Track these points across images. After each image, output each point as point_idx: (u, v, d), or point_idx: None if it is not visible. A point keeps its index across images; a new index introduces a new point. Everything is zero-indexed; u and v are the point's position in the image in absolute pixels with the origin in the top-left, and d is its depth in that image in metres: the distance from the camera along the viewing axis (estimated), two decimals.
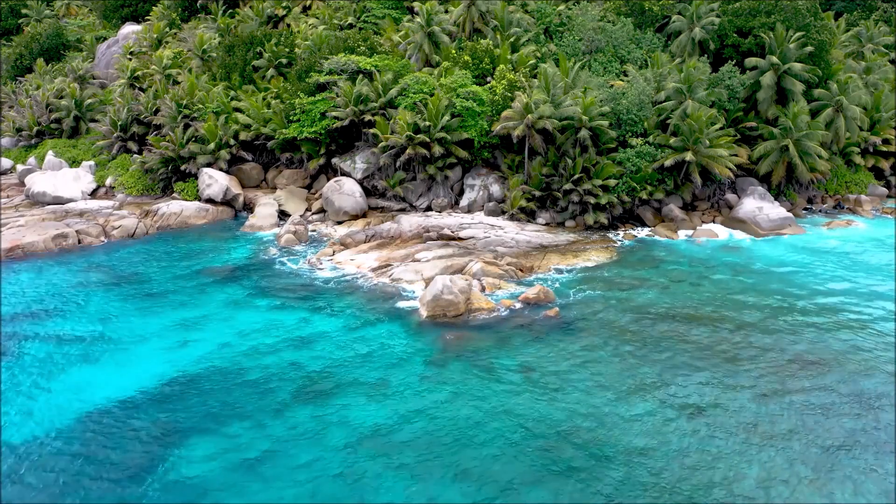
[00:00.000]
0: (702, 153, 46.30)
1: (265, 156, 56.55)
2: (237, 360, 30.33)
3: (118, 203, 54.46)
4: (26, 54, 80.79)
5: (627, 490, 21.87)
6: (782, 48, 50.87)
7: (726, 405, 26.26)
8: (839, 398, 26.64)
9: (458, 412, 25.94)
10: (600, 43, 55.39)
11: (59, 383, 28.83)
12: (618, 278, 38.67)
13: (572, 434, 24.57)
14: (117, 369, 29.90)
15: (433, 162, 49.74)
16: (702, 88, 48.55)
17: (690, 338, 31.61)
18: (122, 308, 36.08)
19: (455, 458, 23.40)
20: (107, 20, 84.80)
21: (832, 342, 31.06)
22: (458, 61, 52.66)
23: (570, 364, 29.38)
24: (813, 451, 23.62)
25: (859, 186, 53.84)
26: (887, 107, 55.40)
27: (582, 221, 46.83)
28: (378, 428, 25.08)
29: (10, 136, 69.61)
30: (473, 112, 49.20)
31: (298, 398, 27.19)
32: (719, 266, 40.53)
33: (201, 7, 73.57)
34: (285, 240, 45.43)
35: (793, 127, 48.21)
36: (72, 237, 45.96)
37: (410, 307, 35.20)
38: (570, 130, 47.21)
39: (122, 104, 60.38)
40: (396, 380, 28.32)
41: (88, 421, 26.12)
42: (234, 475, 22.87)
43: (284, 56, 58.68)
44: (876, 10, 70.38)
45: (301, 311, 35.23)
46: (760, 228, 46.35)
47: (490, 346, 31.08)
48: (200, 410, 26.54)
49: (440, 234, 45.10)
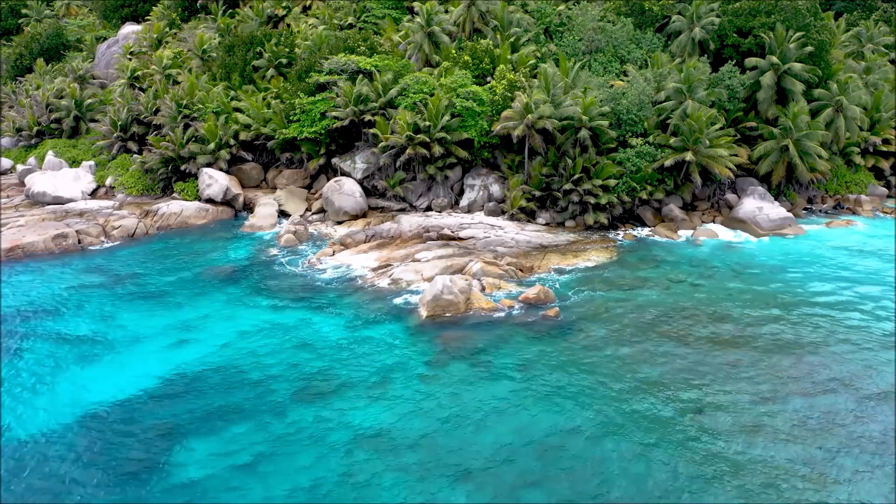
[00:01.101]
0: (702, 153, 46.30)
1: (265, 156, 56.55)
2: (237, 359, 30.35)
3: (118, 203, 54.45)
4: (26, 54, 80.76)
5: (627, 490, 21.89)
6: (782, 48, 50.87)
7: (726, 405, 26.29)
8: (839, 398, 26.67)
9: (457, 412, 25.96)
10: (600, 43, 55.39)
11: (59, 382, 28.87)
12: (618, 278, 38.68)
13: (572, 434, 24.60)
14: (117, 369, 29.93)
15: (433, 162, 49.74)
16: (702, 88, 48.54)
17: (690, 338, 31.63)
18: (121, 308, 36.10)
19: (455, 458, 23.42)
20: (107, 20, 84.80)
21: (832, 342, 31.08)
22: (458, 61, 52.66)
23: (569, 364, 29.41)
24: (813, 450, 23.65)
25: (859, 186, 53.82)
26: (887, 107, 55.38)
27: (582, 221, 46.83)
28: (378, 428, 25.11)
29: (10, 136, 69.58)
30: (473, 112, 49.20)
31: (298, 398, 27.21)
32: (719, 266, 40.54)
33: (201, 7, 73.55)
34: (285, 240, 45.43)
35: (793, 127, 48.21)
36: (72, 237, 45.96)
37: (410, 307, 35.21)
38: (570, 130, 47.21)
39: (122, 104, 60.37)
40: (396, 380, 28.35)
41: (89, 420, 26.16)
42: (234, 475, 22.90)
43: (284, 56, 58.69)
44: (876, 10, 70.35)
45: (301, 311, 35.25)
46: (760, 228, 46.34)
47: (490, 346, 31.10)
48: (200, 410, 26.56)
49: (440, 234, 45.10)
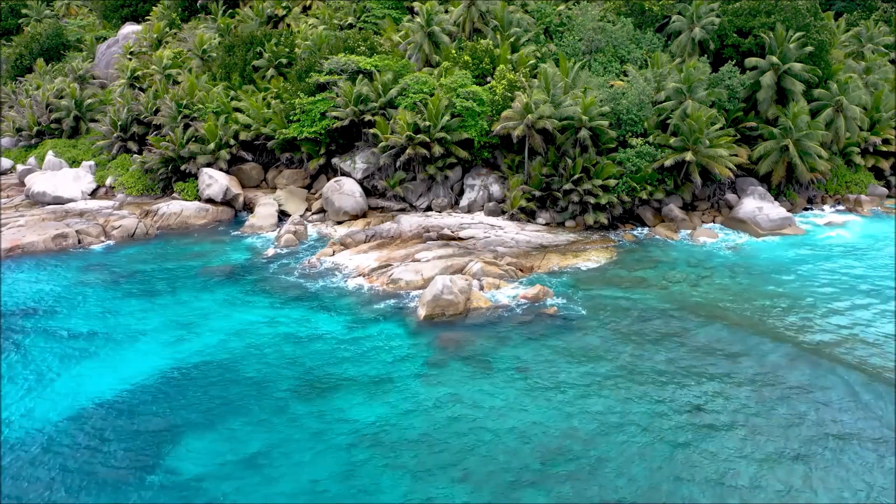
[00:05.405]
0: (702, 153, 46.29)
1: (265, 156, 56.53)
2: (236, 358, 30.37)
3: (118, 203, 54.45)
4: (26, 54, 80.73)
5: (626, 490, 21.88)
6: (782, 48, 50.86)
7: (725, 404, 26.28)
8: (840, 397, 26.66)
9: (457, 412, 25.97)
10: (600, 43, 55.37)
11: (58, 379, 28.92)
12: (617, 278, 38.67)
13: (571, 434, 24.59)
14: (117, 366, 29.98)
15: (433, 162, 49.72)
16: (702, 88, 48.53)
17: (689, 338, 31.62)
18: (121, 306, 36.12)
19: (454, 457, 23.42)
20: (107, 20, 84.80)
21: (832, 342, 31.07)
22: (458, 61, 52.65)
23: (569, 364, 29.41)
24: (813, 450, 23.64)
25: (859, 186, 53.80)
26: (887, 107, 55.36)
27: (582, 221, 46.81)
28: (377, 427, 25.11)
29: (10, 136, 69.57)
30: (473, 112, 49.18)
31: (297, 396, 27.23)
32: (719, 266, 40.53)
33: (201, 7, 73.55)
34: (285, 240, 45.41)
35: (793, 127, 48.20)
36: (72, 237, 45.96)
37: (410, 307, 35.20)
38: (570, 130, 47.19)
39: (122, 104, 60.35)
40: (396, 379, 28.35)
41: (88, 416, 26.21)
42: (232, 472, 22.91)
43: (284, 56, 58.67)
44: (876, 10, 70.32)
45: (301, 311, 35.26)
46: (760, 228, 46.33)
47: (489, 345, 31.11)
48: (199, 407, 26.60)
49: (440, 234, 45.09)
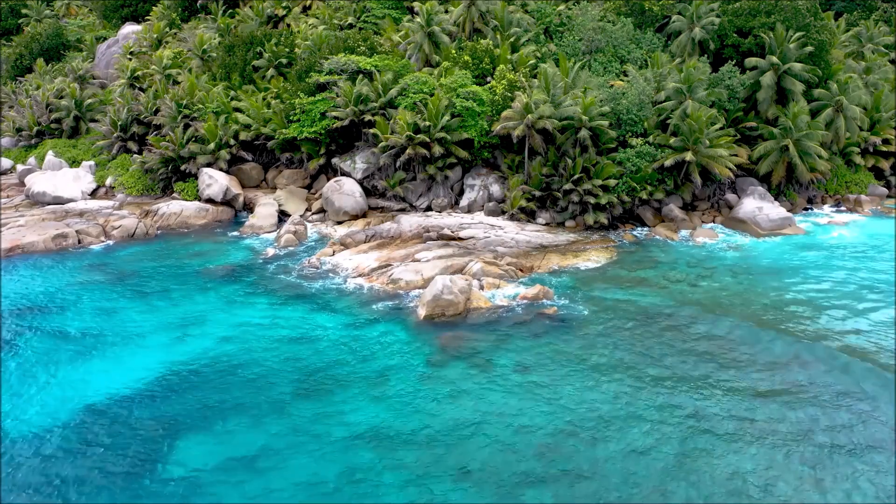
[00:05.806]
0: (702, 153, 46.29)
1: (265, 156, 56.53)
2: (236, 357, 30.36)
3: (118, 203, 54.45)
4: (26, 54, 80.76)
5: (626, 490, 21.87)
6: (782, 48, 50.87)
7: (725, 405, 26.26)
8: (840, 397, 26.65)
9: (457, 412, 25.96)
10: (600, 43, 55.38)
11: (57, 379, 28.91)
12: (617, 278, 38.67)
13: (571, 434, 24.59)
14: (116, 365, 29.97)
15: (433, 162, 49.72)
16: (702, 88, 48.53)
17: (689, 338, 31.61)
18: (121, 305, 36.13)
19: (454, 457, 23.41)
20: (107, 20, 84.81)
21: (832, 341, 31.06)
22: (458, 61, 52.65)
23: (568, 363, 29.39)
24: (813, 450, 23.63)
25: (859, 186, 53.82)
26: (887, 107, 55.37)
27: (582, 221, 46.81)
28: (377, 426, 25.11)
29: (10, 136, 69.58)
30: (473, 112, 49.18)
31: (297, 396, 27.23)
32: (719, 266, 40.53)
33: (201, 7, 73.56)
34: (285, 240, 45.40)
35: (793, 127, 48.20)
36: (72, 237, 45.96)
37: (410, 307, 35.19)
38: (570, 130, 47.19)
39: (122, 104, 60.36)
40: (396, 379, 28.34)
41: (87, 416, 26.19)
42: (232, 473, 22.89)
43: (284, 56, 58.67)
44: (876, 10, 70.34)
45: (300, 311, 35.25)
46: (760, 228, 46.33)
47: (489, 345, 31.10)
48: (199, 407, 26.59)
49: (440, 234, 45.09)
